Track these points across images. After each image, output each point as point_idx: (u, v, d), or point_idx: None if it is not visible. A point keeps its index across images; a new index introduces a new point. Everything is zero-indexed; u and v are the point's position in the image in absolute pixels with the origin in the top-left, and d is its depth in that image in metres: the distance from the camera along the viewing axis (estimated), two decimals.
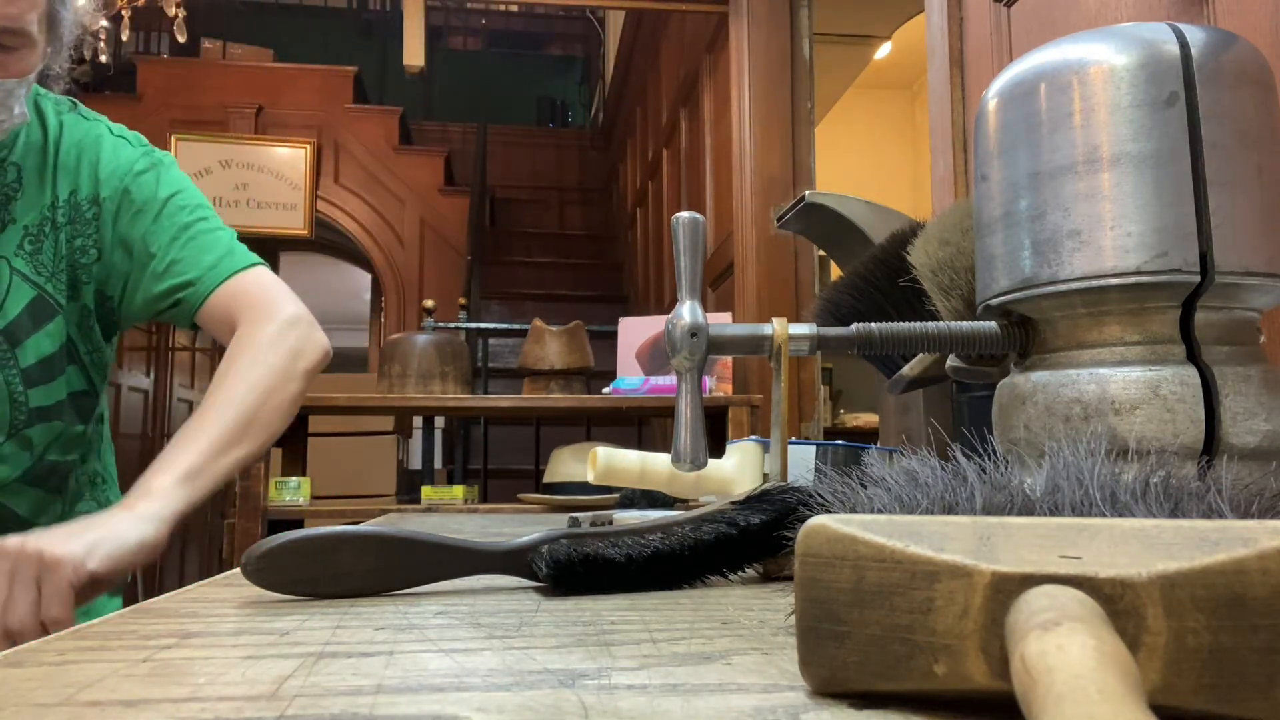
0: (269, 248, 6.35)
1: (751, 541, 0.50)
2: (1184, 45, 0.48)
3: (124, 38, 4.34)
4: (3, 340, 0.94)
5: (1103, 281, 0.48)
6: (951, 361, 0.66)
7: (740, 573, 0.53)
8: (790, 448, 0.90)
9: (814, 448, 0.95)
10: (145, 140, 1.08)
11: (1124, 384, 0.48)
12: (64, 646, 0.35)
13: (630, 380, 2.68)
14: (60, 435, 1.00)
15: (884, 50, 4.60)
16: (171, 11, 3.85)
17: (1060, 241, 0.50)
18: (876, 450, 0.95)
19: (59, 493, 1.03)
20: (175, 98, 5.58)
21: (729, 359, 2.72)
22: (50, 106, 1.01)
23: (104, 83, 5.71)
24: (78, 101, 1.07)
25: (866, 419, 3.81)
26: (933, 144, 1.51)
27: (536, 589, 0.50)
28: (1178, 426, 0.47)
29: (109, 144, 1.02)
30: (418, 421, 3.92)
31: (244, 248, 1.07)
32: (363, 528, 0.47)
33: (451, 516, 1.37)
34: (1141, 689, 0.20)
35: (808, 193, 1.17)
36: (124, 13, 4.24)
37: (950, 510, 0.34)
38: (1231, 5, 0.84)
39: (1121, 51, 0.49)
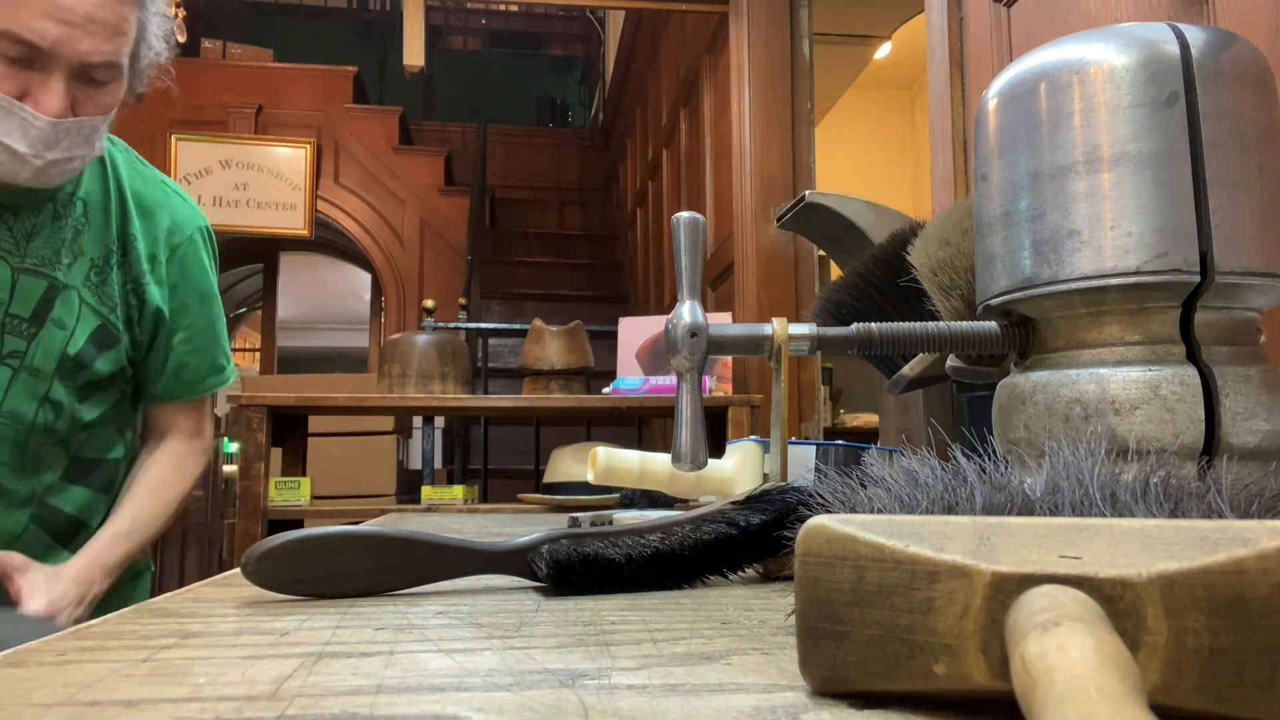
0: (269, 248, 6.37)
1: (751, 541, 0.50)
2: (1184, 45, 0.48)
3: None
4: (70, 364, 1.01)
5: (1103, 281, 0.48)
6: (951, 361, 0.66)
7: (740, 573, 0.53)
8: (790, 448, 0.90)
9: (814, 448, 0.95)
10: (189, 196, 1.18)
11: (1124, 384, 0.48)
12: (64, 646, 0.35)
13: (630, 380, 2.68)
14: (102, 443, 1.09)
15: (884, 50, 4.60)
16: (171, 12, 3.84)
17: (1060, 241, 0.50)
18: (876, 450, 0.95)
19: (105, 492, 1.11)
20: (175, 98, 5.57)
21: (729, 359, 2.72)
22: (108, 147, 1.07)
23: None
24: (129, 146, 1.14)
25: (866, 419, 3.81)
26: (933, 144, 1.51)
27: (536, 589, 0.50)
28: (1178, 426, 0.47)
29: (171, 206, 1.11)
30: (418, 421, 3.91)
31: (226, 354, 1.19)
32: (363, 528, 0.47)
33: (451, 516, 1.38)
34: (1141, 689, 0.20)
35: (808, 193, 1.17)
36: None
37: (950, 510, 0.34)
38: (1231, 5, 0.84)
39: (1121, 51, 0.49)
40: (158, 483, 1.11)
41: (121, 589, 1.10)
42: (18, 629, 0.85)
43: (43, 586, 0.94)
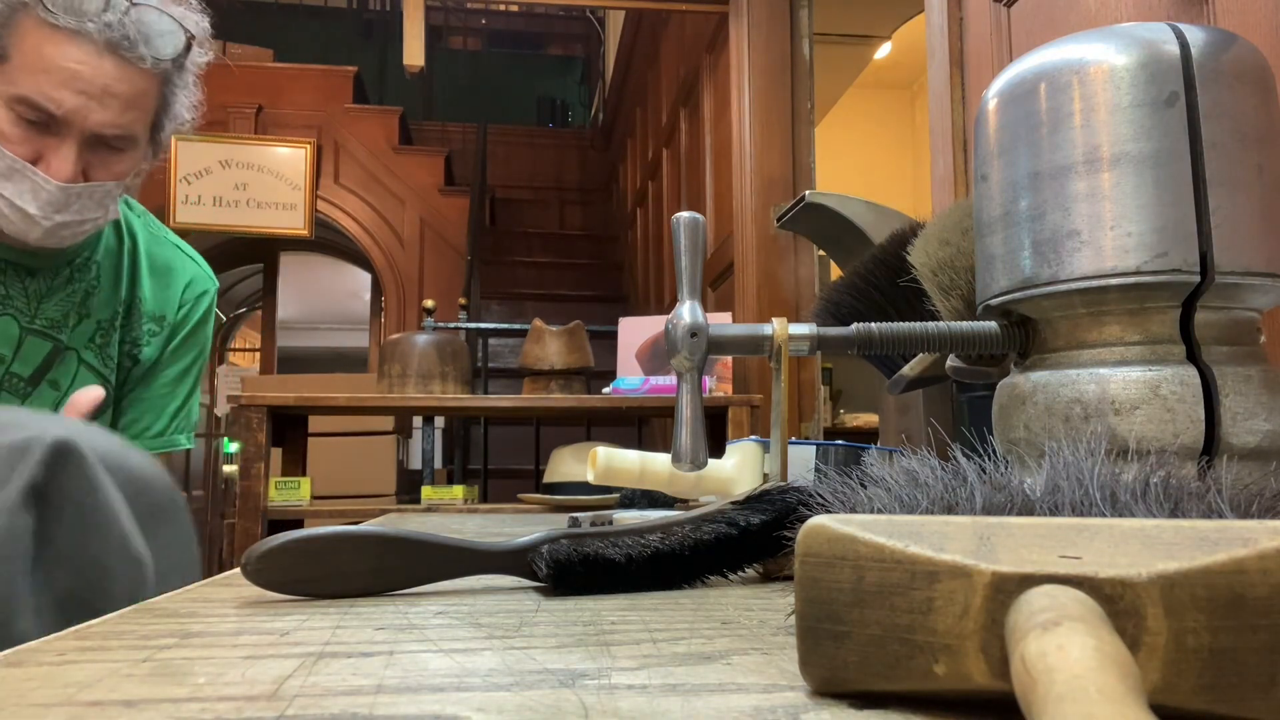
0: (269, 248, 6.37)
1: (751, 541, 0.50)
2: (1184, 45, 0.48)
3: None
4: None
5: (1103, 281, 0.48)
6: (951, 361, 0.66)
7: (740, 573, 0.53)
8: (790, 448, 0.90)
9: (814, 448, 0.95)
10: (204, 261, 1.18)
11: (1124, 384, 0.48)
12: (64, 646, 0.35)
13: (630, 380, 2.68)
14: None
15: (884, 50, 4.59)
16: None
17: (1060, 241, 0.50)
18: (876, 450, 0.95)
19: None
20: None
21: (729, 359, 2.72)
22: (124, 211, 1.09)
23: None
24: (146, 210, 1.15)
25: (866, 419, 3.81)
26: (933, 144, 1.51)
27: (536, 589, 0.50)
28: (1178, 426, 0.47)
29: (186, 268, 1.12)
30: (418, 421, 3.91)
31: (181, 424, 1.16)
32: (363, 528, 0.47)
33: (451, 516, 1.38)
34: (1141, 689, 0.20)
35: (808, 193, 1.17)
36: None
37: (950, 510, 0.34)
38: (1231, 5, 0.84)
39: (1121, 51, 0.49)
40: None
41: None
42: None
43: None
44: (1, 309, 0.98)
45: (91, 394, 0.93)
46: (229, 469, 5.66)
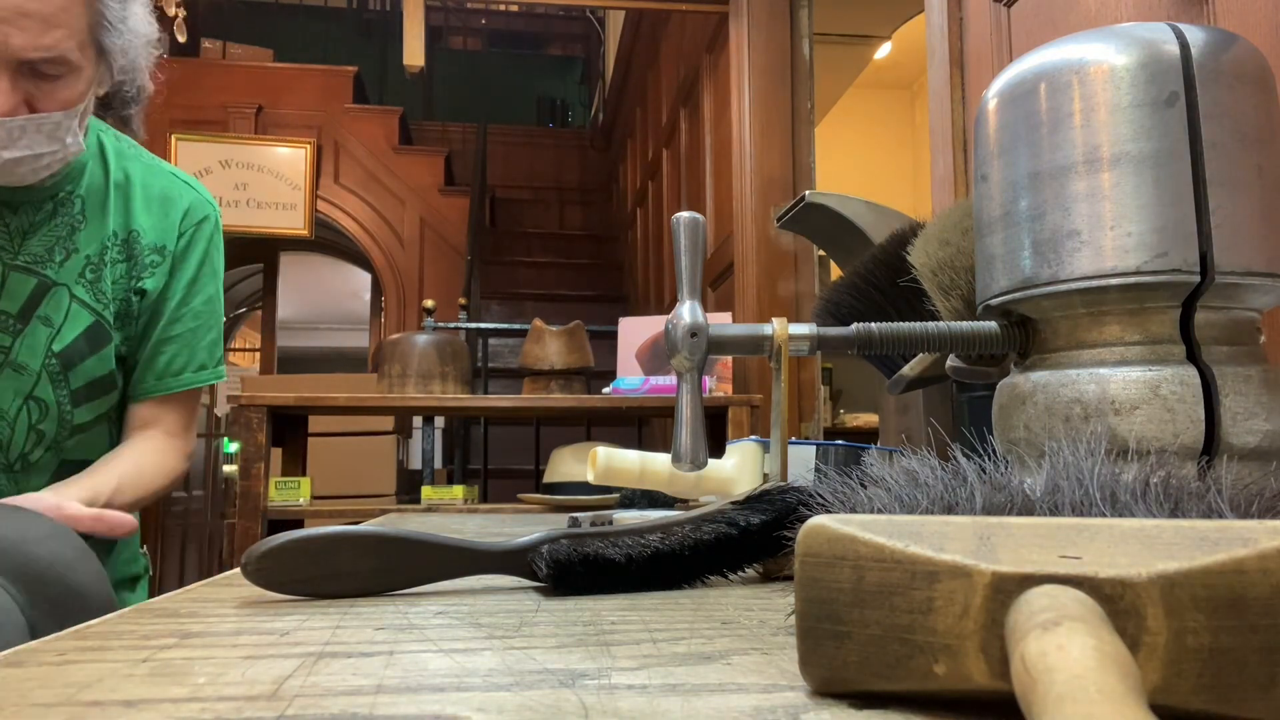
0: (269, 248, 6.37)
1: (751, 541, 0.50)
2: (1184, 45, 0.48)
3: None
4: (57, 362, 1.00)
5: (1103, 281, 0.48)
6: (951, 361, 0.66)
7: (740, 573, 0.53)
8: (790, 448, 0.90)
9: (814, 448, 0.95)
10: (204, 187, 1.17)
11: (1124, 384, 0.48)
12: (64, 646, 0.35)
13: (630, 380, 2.68)
14: (92, 445, 1.07)
15: (884, 50, 4.60)
16: (171, 11, 3.84)
17: (1060, 241, 0.50)
18: (876, 450, 0.95)
19: None
20: (175, 98, 5.56)
21: (729, 359, 2.72)
22: (111, 144, 1.07)
23: None
24: (135, 142, 1.13)
25: (866, 419, 3.81)
26: (933, 144, 1.51)
27: (536, 589, 0.50)
28: (1178, 426, 0.47)
29: (184, 194, 1.10)
30: (418, 421, 3.91)
31: (214, 353, 1.15)
32: (363, 528, 0.47)
33: (451, 516, 1.38)
34: (1141, 689, 0.20)
35: (808, 193, 1.17)
36: None
37: (950, 510, 0.34)
38: (1231, 5, 0.84)
39: (1121, 51, 0.49)
40: (139, 465, 1.05)
41: (119, 593, 1.08)
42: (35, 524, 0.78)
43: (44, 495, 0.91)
44: None
45: (126, 525, 0.90)
46: (229, 469, 5.66)
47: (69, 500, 0.88)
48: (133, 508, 1.01)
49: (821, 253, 2.87)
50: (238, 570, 0.48)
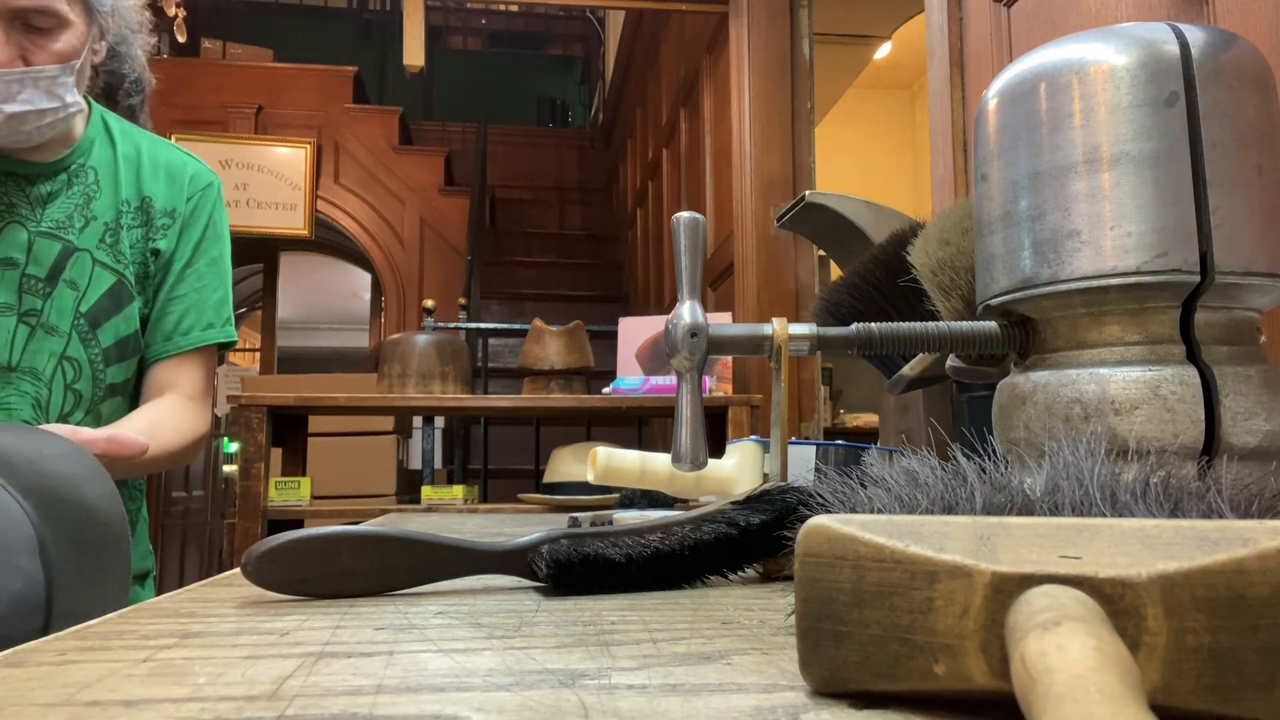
0: (269, 248, 6.36)
1: (751, 541, 0.50)
2: (1184, 45, 0.48)
3: None
4: (85, 322, 1.05)
5: (1103, 281, 0.48)
6: (951, 361, 0.66)
7: (740, 573, 0.53)
8: (790, 448, 0.90)
9: (814, 448, 0.95)
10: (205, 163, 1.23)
11: (1124, 384, 0.48)
12: (64, 646, 0.35)
13: (630, 380, 2.68)
14: (120, 410, 1.10)
15: (884, 50, 4.60)
16: (171, 11, 3.84)
17: (1060, 241, 0.50)
18: (876, 450, 0.95)
19: None
20: (175, 98, 5.57)
21: (729, 359, 2.72)
22: (115, 124, 1.13)
23: None
24: (136, 125, 1.18)
25: (866, 419, 3.81)
26: (933, 144, 1.51)
27: (536, 589, 0.50)
28: (1178, 426, 0.47)
29: (187, 164, 1.16)
30: (418, 421, 3.91)
31: (222, 313, 1.17)
32: (363, 528, 0.47)
33: (451, 516, 1.38)
34: (1141, 689, 0.20)
35: (808, 193, 1.17)
36: None
37: (950, 510, 0.34)
38: (1231, 5, 0.84)
39: (1121, 51, 0.49)
40: (155, 421, 1.05)
41: (129, 590, 1.09)
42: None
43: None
44: (9, 216, 1.02)
45: (137, 446, 0.91)
46: (229, 469, 5.66)
47: (83, 429, 0.90)
48: (149, 464, 1.02)
49: (821, 253, 2.87)
50: (238, 570, 0.48)
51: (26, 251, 1.02)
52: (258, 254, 6.53)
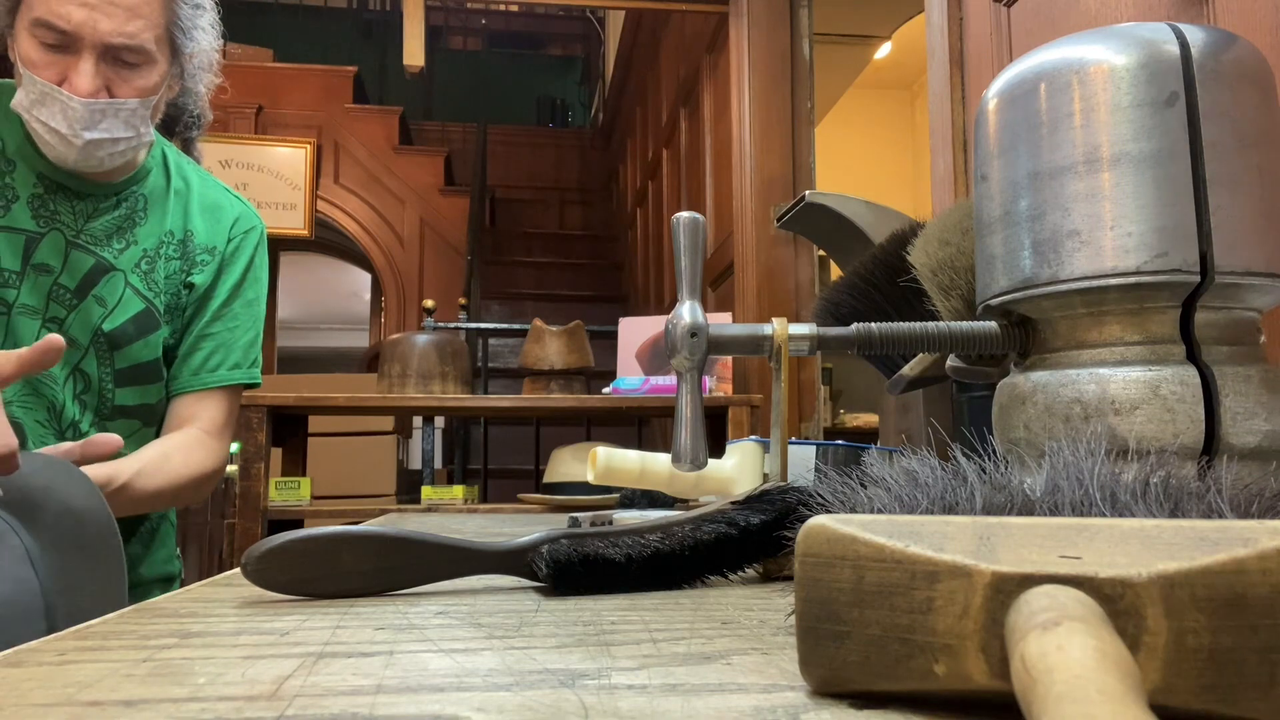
0: (269, 248, 6.37)
1: (751, 541, 0.50)
2: (1184, 45, 0.48)
3: None
4: (105, 341, 1.06)
5: (1103, 281, 0.48)
6: (951, 361, 0.66)
7: (740, 573, 0.53)
8: (790, 448, 0.90)
9: (814, 448, 0.95)
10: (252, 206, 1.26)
11: (1124, 384, 0.48)
12: (64, 646, 0.35)
13: (630, 380, 2.68)
14: (134, 433, 1.11)
15: (884, 50, 4.60)
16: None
17: (1060, 241, 0.50)
18: (876, 450, 0.95)
19: None
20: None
21: (729, 359, 2.72)
22: (173, 156, 1.17)
23: None
24: (192, 160, 1.22)
25: (866, 419, 3.81)
26: (933, 144, 1.51)
27: (536, 589, 0.50)
28: (1178, 426, 0.47)
29: (235, 206, 1.19)
30: (418, 421, 3.91)
31: (251, 355, 1.19)
32: (363, 528, 0.47)
33: (451, 516, 1.37)
34: (1141, 689, 0.20)
35: (808, 193, 1.17)
36: None
37: (950, 510, 0.34)
38: (1231, 5, 0.84)
39: (1121, 51, 0.49)
40: (165, 454, 1.07)
41: (153, 591, 1.11)
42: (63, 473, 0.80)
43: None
44: (50, 224, 1.04)
45: (110, 442, 0.92)
46: (229, 469, 5.66)
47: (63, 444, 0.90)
48: (156, 497, 1.03)
49: (821, 253, 2.87)
50: (238, 570, 0.48)
51: (62, 259, 1.04)
52: None
